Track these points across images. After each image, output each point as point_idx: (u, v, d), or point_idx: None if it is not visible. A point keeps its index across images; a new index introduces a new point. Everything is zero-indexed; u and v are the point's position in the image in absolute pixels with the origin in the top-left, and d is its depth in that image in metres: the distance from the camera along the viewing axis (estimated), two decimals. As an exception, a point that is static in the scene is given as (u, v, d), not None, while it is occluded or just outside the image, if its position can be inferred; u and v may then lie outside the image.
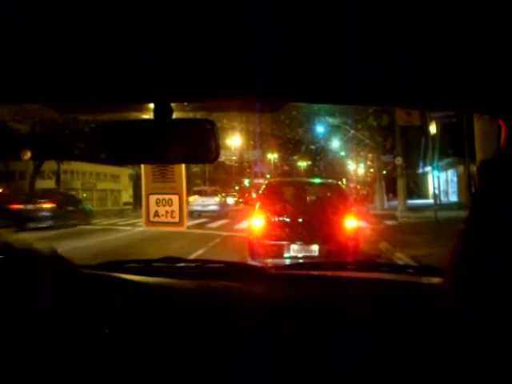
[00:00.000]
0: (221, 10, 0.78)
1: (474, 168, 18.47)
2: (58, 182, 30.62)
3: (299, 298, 1.48)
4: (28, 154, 21.24)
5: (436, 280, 1.53)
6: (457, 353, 0.60)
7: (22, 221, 16.41)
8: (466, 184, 23.01)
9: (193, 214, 21.30)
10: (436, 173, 21.57)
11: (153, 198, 1.56)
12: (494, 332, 0.57)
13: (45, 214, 17.80)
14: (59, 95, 1.11)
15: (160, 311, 1.40)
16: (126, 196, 41.59)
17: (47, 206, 18.15)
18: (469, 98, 0.97)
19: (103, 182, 42.93)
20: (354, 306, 1.39)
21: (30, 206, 17.98)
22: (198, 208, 22.61)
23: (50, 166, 29.60)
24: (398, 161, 22.39)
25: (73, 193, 28.34)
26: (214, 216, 21.68)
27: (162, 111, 1.10)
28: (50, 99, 1.18)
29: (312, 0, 0.75)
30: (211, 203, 23.59)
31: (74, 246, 12.61)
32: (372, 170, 33.21)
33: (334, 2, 0.74)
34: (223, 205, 24.97)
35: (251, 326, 1.32)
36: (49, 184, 31.32)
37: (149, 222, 1.60)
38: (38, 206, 18.09)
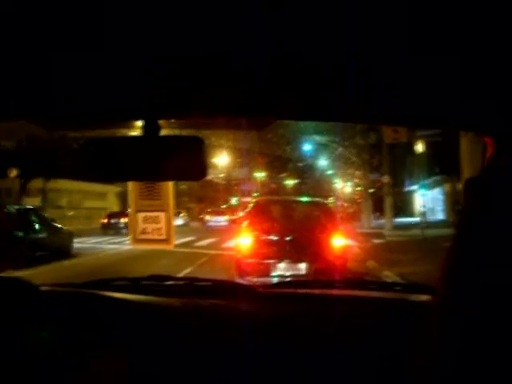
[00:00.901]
0: (209, 27, 0.79)
1: (459, 186, 18.61)
2: (44, 199, 30.39)
3: (287, 316, 1.47)
4: (14, 172, 21.26)
5: (424, 297, 1.53)
6: (447, 369, 0.60)
7: (109, 230, 26.41)
8: (452, 202, 23.16)
9: (208, 228, 29.79)
10: (423, 191, 21.73)
11: (141, 216, 1.55)
12: (484, 348, 0.57)
13: (121, 225, 25.79)
14: (47, 113, 1.11)
15: (148, 329, 1.39)
16: (114, 214, 41.46)
17: (123, 220, 25.86)
18: (456, 115, 0.98)
19: (90, 199, 42.50)
20: (342, 324, 1.38)
21: (113, 220, 27.68)
22: (212, 224, 33.23)
23: (36, 183, 29.39)
24: (385, 179, 22.49)
25: (59, 210, 33.37)
26: (202, 234, 23.83)
27: (151, 128, 1.10)
28: (38, 116, 1.17)
29: (305, 14, 0.75)
30: (221, 220, 35.07)
31: (61, 264, 12.49)
32: (359, 188, 33.32)
33: (330, 15, 0.75)
34: (229, 221, 34.05)
35: (239, 344, 1.31)
36: (35, 202, 31.04)
37: (136, 240, 1.58)
38: (118, 219, 27.01)
